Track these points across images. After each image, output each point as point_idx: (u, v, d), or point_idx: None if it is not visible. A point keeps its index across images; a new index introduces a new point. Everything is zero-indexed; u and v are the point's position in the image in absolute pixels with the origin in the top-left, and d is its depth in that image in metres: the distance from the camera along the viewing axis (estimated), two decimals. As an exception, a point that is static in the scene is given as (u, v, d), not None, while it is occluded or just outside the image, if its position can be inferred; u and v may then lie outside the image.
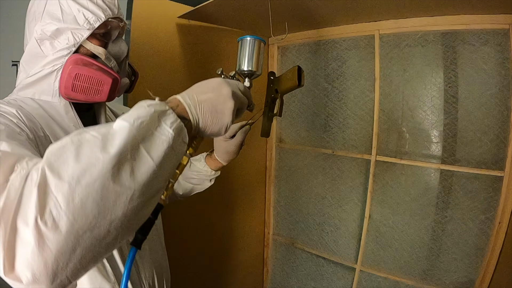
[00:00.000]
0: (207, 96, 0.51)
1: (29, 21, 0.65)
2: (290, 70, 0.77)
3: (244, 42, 0.70)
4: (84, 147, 0.38)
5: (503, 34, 1.17)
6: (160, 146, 0.42)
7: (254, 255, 1.90)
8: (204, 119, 0.51)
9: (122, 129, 0.40)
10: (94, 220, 0.36)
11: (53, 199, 0.34)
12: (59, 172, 0.36)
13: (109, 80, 0.63)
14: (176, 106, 0.49)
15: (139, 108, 0.44)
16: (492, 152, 1.22)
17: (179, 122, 0.45)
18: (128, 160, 0.39)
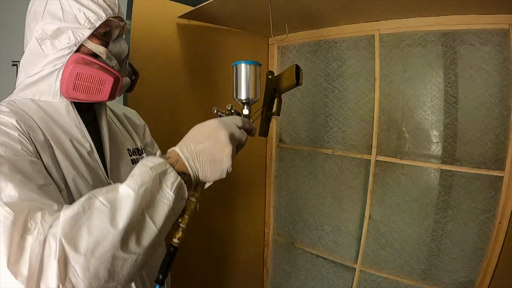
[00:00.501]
0: (204, 146, 0.54)
1: (29, 21, 0.64)
2: (288, 69, 0.77)
3: (239, 68, 0.68)
4: (94, 218, 0.44)
5: (503, 34, 1.17)
6: (162, 210, 0.48)
7: (254, 255, 1.90)
8: (203, 171, 0.54)
9: (128, 198, 0.46)
10: (105, 282, 0.43)
11: (72, 269, 0.41)
12: (75, 245, 0.42)
13: (110, 79, 0.63)
14: (176, 161, 0.53)
15: (143, 173, 0.48)
16: (492, 152, 1.22)
17: (179, 180, 0.50)
18: (134, 229, 0.45)
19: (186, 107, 1.41)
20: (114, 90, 0.64)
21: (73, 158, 0.63)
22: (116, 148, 0.76)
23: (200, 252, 1.52)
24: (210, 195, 1.04)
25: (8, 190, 0.46)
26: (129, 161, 0.79)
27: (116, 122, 0.85)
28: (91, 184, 0.65)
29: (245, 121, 0.61)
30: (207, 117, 0.59)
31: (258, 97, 0.70)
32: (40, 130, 0.61)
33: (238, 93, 0.68)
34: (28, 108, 0.62)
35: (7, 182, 0.46)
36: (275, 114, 0.85)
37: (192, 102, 1.43)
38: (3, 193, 0.45)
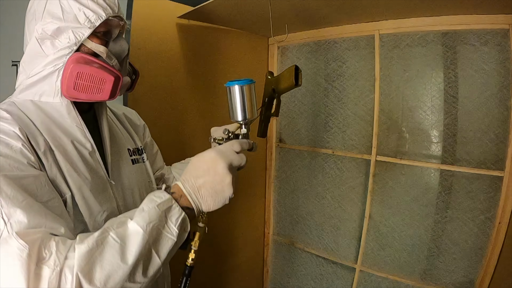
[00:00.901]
0: (204, 180, 0.58)
1: (28, 21, 0.64)
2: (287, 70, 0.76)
3: (233, 90, 0.65)
4: (106, 253, 0.49)
5: (503, 34, 1.17)
6: (166, 245, 0.54)
7: (254, 255, 1.90)
8: (206, 203, 0.59)
9: (137, 235, 0.51)
10: None
11: None
12: (90, 278, 0.47)
13: (111, 78, 0.62)
14: (180, 196, 0.57)
15: (151, 210, 0.53)
16: (492, 152, 1.22)
17: (183, 216, 0.55)
18: (141, 263, 0.51)
19: (186, 107, 1.41)
20: (114, 89, 0.64)
21: (74, 160, 0.64)
22: (116, 148, 0.76)
23: (200, 252, 1.52)
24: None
25: (17, 216, 0.48)
26: (129, 161, 0.79)
27: (116, 122, 0.85)
28: (93, 185, 0.65)
29: (243, 143, 0.63)
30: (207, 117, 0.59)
31: (255, 115, 0.69)
32: (41, 135, 0.61)
33: (234, 115, 0.67)
34: (28, 111, 0.62)
35: (15, 207, 0.49)
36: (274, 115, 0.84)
37: (192, 102, 1.43)
38: (12, 218, 0.48)
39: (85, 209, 0.62)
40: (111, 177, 0.71)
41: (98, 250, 0.48)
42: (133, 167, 0.80)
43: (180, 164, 1.01)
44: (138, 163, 0.82)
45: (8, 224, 0.47)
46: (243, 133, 0.69)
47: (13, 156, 0.54)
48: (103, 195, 0.67)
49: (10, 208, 0.48)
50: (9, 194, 0.49)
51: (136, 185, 0.79)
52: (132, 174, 0.79)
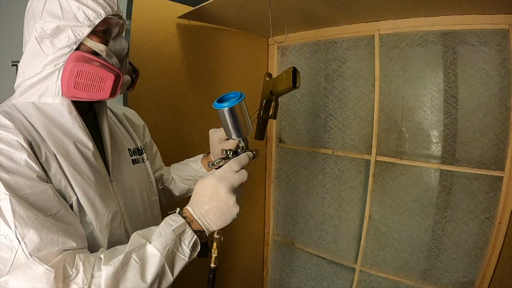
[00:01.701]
0: (209, 206, 0.62)
1: (27, 20, 0.64)
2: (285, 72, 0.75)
3: (222, 113, 0.63)
4: (129, 273, 0.55)
5: (503, 34, 1.17)
6: (179, 265, 0.60)
7: (254, 255, 1.90)
8: (215, 225, 0.63)
9: (155, 258, 0.57)
10: None
11: None
12: None
13: (111, 76, 0.62)
14: (191, 221, 0.62)
15: (167, 235, 0.59)
16: (492, 152, 1.22)
17: (195, 239, 0.61)
18: (157, 280, 0.58)
19: (186, 107, 1.41)
20: (115, 87, 0.64)
21: (77, 162, 0.64)
22: (117, 149, 0.76)
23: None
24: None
25: (30, 236, 0.51)
26: (130, 161, 0.79)
27: (116, 122, 0.85)
28: (97, 185, 0.65)
29: (241, 160, 0.64)
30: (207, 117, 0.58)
31: (251, 130, 0.68)
32: (43, 140, 0.61)
33: (228, 134, 0.67)
34: (30, 115, 0.62)
35: (29, 228, 0.51)
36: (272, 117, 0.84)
37: (192, 102, 1.43)
38: (26, 238, 0.51)
39: (91, 211, 0.63)
40: (112, 177, 0.71)
41: (122, 271, 0.55)
42: (133, 167, 0.80)
43: (179, 165, 1.01)
44: (139, 163, 0.82)
45: (22, 243, 0.50)
46: (241, 146, 0.69)
47: (20, 171, 0.55)
48: (107, 196, 0.67)
49: (24, 229, 0.51)
50: (22, 214, 0.51)
51: (136, 185, 0.79)
52: (133, 174, 0.79)
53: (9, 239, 0.50)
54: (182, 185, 0.98)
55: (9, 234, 0.50)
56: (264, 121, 0.84)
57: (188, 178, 0.96)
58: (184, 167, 0.98)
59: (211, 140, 0.88)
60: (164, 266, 0.58)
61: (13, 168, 0.54)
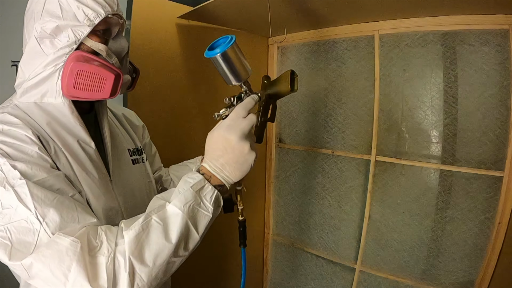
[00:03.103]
0: (225, 159, 0.60)
1: (27, 20, 0.64)
2: (283, 75, 0.75)
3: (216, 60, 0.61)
4: (152, 234, 0.54)
5: (503, 35, 1.17)
6: (203, 221, 0.58)
7: (254, 255, 1.90)
8: (235, 176, 0.62)
9: (177, 216, 0.56)
10: (160, 280, 0.56)
11: (138, 277, 0.52)
12: (140, 259, 0.52)
13: (111, 76, 0.62)
14: (210, 177, 0.61)
15: (186, 192, 0.57)
16: (492, 153, 1.22)
17: (216, 194, 0.59)
18: (183, 239, 0.56)
19: (186, 107, 1.41)
20: (115, 87, 0.64)
21: (81, 159, 0.65)
22: (117, 149, 0.76)
23: (200, 252, 1.52)
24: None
25: (51, 215, 0.51)
26: (129, 161, 0.80)
27: (116, 122, 0.85)
28: (100, 183, 0.66)
29: (247, 104, 0.62)
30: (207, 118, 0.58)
31: (250, 71, 0.65)
32: (50, 137, 0.61)
33: (228, 81, 0.65)
34: (33, 114, 0.62)
35: (48, 207, 0.52)
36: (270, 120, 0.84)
37: (192, 102, 1.43)
38: (47, 218, 0.51)
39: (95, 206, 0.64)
40: (112, 177, 0.71)
41: (144, 234, 0.53)
42: (133, 167, 0.80)
43: (177, 167, 1.01)
44: (138, 163, 0.82)
45: (44, 223, 0.50)
46: (244, 90, 0.66)
47: (33, 161, 0.56)
48: (108, 195, 0.68)
49: (43, 208, 0.51)
50: (40, 195, 0.52)
51: (136, 185, 0.79)
52: (133, 174, 0.79)
53: (30, 221, 0.50)
54: None
55: (30, 216, 0.50)
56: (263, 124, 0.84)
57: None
58: (183, 169, 0.98)
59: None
60: (188, 224, 0.56)
61: (27, 160, 0.55)
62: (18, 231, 0.50)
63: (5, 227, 0.50)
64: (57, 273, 0.49)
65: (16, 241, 0.50)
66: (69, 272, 0.48)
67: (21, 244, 0.50)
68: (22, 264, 0.49)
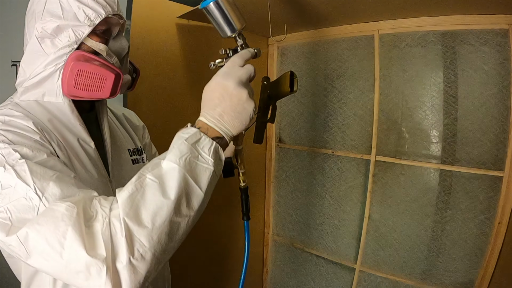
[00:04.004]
0: (222, 107, 0.56)
1: (28, 20, 0.64)
2: (283, 76, 0.75)
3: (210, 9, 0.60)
4: (147, 193, 0.49)
5: (502, 34, 1.17)
6: (205, 175, 0.53)
7: (254, 255, 1.90)
8: (234, 127, 0.57)
9: (173, 171, 0.50)
10: (166, 245, 0.49)
11: (138, 241, 0.46)
12: (137, 220, 0.47)
13: (111, 76, 0.62)
14: (207, 129, 0.56)
15: (180, 145, 0.52)
16: (492, 152, 1.22)
17: (214, 145, 0.54)
18: (184, 196, 0.50)
19: (186, 107, 1.41)
20: (115, 87, 0.64)
21: (81, 158, 0.65)
22: (117, 148, 0.76)
23: (200, 252, 1.52)
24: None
25: (50, 189, 0.49)
26: (129, 161, 0.80)
27: (116, 122, 0.85)
28: (98, 183, 0.66)
29: (244, 54, 0.61)
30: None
31: (244, 23, 0.64)
32: (51, 131, 0.62)
33: (223, 32, 0.64)
34: (34, 111, 0.63)
35: (48, 181, 0.50)
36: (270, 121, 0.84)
37: (191, 103, 1.43)
38: (46, 192, 0.49)
39: None
40: (112, 176, 0.71)
41: (139, 194, 0.49)
42: (133, 167, 0.80)
43: None
44: (138, 163, 0.82)
45: (43, 198, 0.48)
46: (240, 44, 0.66)
47: (34, 146, 0.55)
48: (107, 194, 0.67)
49: (43, 182, 0.49)
50: (39, 171, 0.51)
51: None
52: (133, 174, 0.78)
53: (29, 198, 0.49)
54: None
55: (28, 192, 0.49)
56: (262, 125, 0.84)
57: None
58: None
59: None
60: (187, 178, 0.50)
61: (27, 144, 0.55)
62: (17, 210, 0.48)
63: (5, 207, 0.48)
64: (52, 242, 0.45)
65: (15, 220, 0.48)
66: (64, 239, 0.44)
67: (21, 222, 0.47)
68: (18, 237, 0.46)
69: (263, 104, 0.82)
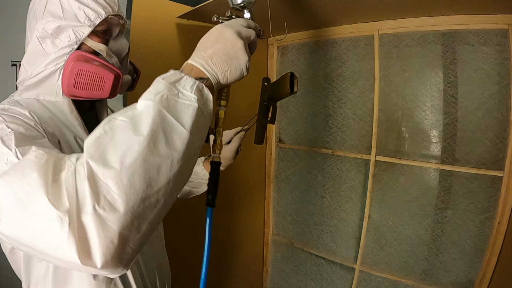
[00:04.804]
0: (214, 49, 0.52)
1: (29, 20, 0.65)
2: (283, 77, 0.75)
3: None
4: (117, 134, 0.42)
5: (502, 34, 1.17)
6: (187, 111, 0.45)
7: (254, 255, 1.90)
8: (222, 71, 0.52)
9: (147, 108, 0.44)
10: (143, 193, 0.40)
11: (104, 185, 0.39)
12: (102, 161, 0.40)
13: (111, 76, 0.63)
14: (190, 70, 0.52)
15: (156, 83, 0.46)
16: (492, 152, 1.22)
17: (197, 83, 0.48)
18: (161, 132, 0.42)
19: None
20: (114, 87, 0.64)
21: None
22: None
23: (200, 252, 1.52)
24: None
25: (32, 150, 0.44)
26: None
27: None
28: None
29: (249, 21, 0.59)
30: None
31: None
32: (50, 126, 0.62)
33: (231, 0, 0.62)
34: (33, 107, 0.63)
35: (30, 145, 0.48)
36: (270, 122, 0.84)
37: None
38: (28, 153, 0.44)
39: None
40: None
41: (108, 136, 0.42)
42: None
43: None
44: None
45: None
46: (246, 17, 0.66)
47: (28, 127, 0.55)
48: None
49: (25, 147, 0.48)
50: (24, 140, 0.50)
51: None
52: None
53: (10, 161, 0.46)
54: (184, 187, 0.98)
55: (9, 156, 0.47)
56: (263, 126, 0.84)
57: (190, 180, 0.96)
58: None
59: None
60: (163, 114, 0.43)
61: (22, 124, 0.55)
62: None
63: None
64: (17, 191, 0.40)
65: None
66: (29, 186, 0.39)
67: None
68: None
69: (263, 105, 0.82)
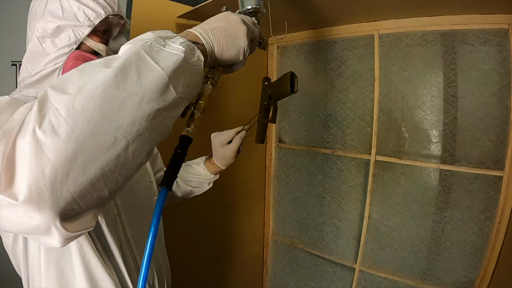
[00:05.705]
0: (217, 24, 0.53)
1: (30, 20, 0.65)
2: (283, 76, 0.75)
3: None
4: (87, 68, 0.38)
5: (502, 34, 1.17)
6: (170, 57, 0.41)
7: (254, 255, 1.90)
8: (218, 43, 0.51)
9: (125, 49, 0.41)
10: (97, 125, 0.34)
11: (53, 109, 0.33)
12: (61, 88, 0.35)
13: None
14: (186, 34, 0.50)
15: (144, 34, 0.44)
16: (492, 152, 1.22)
17: (189, 43, 0.45)
18: (134, 68, 0.38)
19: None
20: None
21: None
22: None
23: (200, 252, 1.52)
24: (210, 195, 1.04)
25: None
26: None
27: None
28: None
29: (255, 22, 0.60)
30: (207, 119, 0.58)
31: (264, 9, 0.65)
32: None
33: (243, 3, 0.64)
34: None
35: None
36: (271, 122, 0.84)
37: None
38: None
39: None
40: None
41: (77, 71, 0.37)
42: None
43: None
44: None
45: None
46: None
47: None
48: None
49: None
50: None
51: (136, 186, 0.79)
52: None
53: None
54: (185, 187, 0.98)
55: None
56: (264, 125, 0.84)
57: (191, 179, 0.96)
58: (187, 169, 0.98)
59: (213, 144, 0.88)
60: (141, 53, 0.40)
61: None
62: None
63: None
64: None
65: None
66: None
67: None
68: None
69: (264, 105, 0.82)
